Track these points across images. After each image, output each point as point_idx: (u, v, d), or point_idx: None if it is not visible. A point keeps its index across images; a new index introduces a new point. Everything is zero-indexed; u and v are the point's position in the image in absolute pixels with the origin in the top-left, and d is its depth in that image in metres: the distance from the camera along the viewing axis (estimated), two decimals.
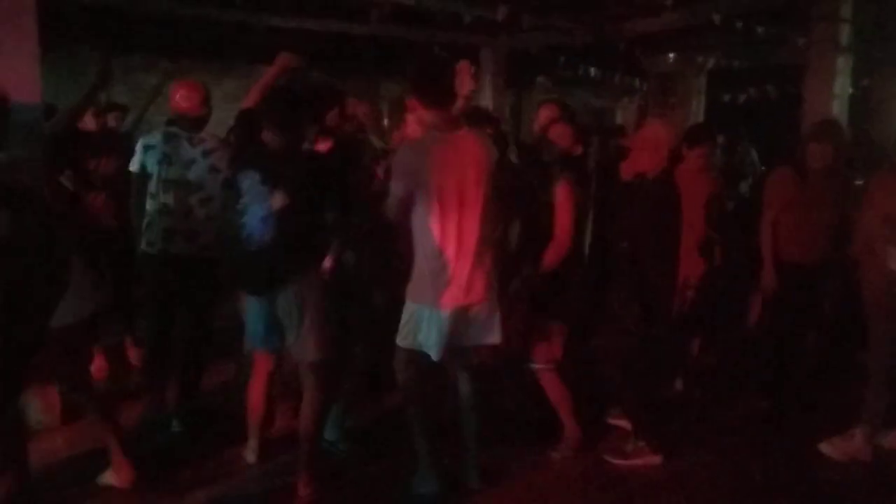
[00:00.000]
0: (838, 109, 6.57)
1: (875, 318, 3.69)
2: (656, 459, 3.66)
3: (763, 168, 8.42)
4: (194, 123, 3.88)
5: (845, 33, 6.46)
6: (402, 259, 3.21)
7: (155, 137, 3.87)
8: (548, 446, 3.76)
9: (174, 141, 3.82)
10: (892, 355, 3.64)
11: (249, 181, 3.05)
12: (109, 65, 4.04)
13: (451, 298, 2.92)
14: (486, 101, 9.86)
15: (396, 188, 2.94)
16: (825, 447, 3.82)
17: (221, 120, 4.52)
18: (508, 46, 9.38)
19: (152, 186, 3.80)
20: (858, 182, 5.06)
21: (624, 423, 3.91)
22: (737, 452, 3.91)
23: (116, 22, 7.71)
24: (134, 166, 3.86)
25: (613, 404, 4.06)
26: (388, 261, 3.65)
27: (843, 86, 6.59)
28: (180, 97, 3.86)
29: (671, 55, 9.65)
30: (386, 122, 9.72)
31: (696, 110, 10.49)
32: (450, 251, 2.88)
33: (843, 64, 6.54)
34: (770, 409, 4.29)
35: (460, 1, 6.94)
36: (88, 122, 4.91)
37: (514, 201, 3.47)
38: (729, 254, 4.38)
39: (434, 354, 2.98)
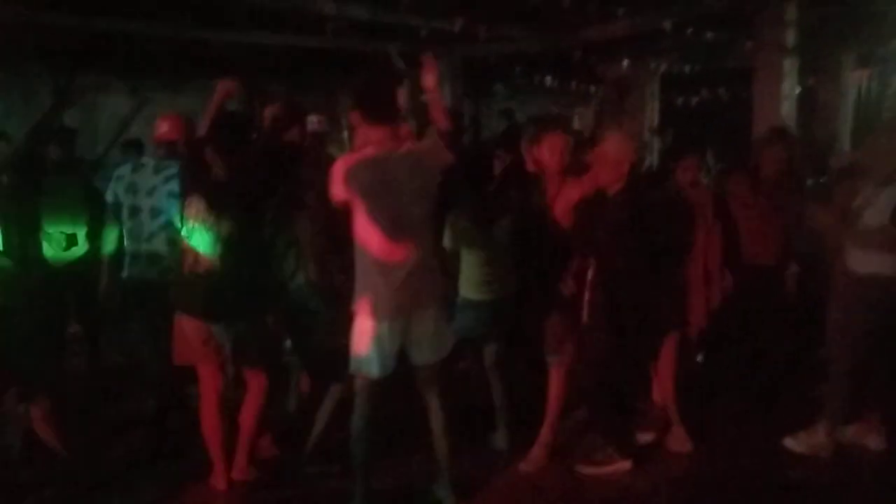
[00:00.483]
0: (787, 110, 6.78)
1: (834, 315, 3.80)
2: (626, 465, 3.70)
3: (719, 166, 8.60)
4: (171, 153, 3.88)
5: (791, 36, 6.68)
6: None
7: (125, 168, 4.01)
8: (523, 451, 3.77)
9: (140, 170, 3.92)
10: (849, 351, 3.72)
11: (195, 208, 3.13)
12: (72, 84, 4.00)
13: (389, 311, 2.92)
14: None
15: (332, 195, 2.99)
16: (789, 442, 3.89)
17: None
18: (464, 56, 9.46)
19: (121, 214, 3.91)
20: (809, 181, 5.24)
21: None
22: (707, 452, 3.96)
23: (69, 41, 7.56)
24: (108, 196, 3.98)
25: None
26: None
27: (790, 87, 6.82)
28: (161, 128, 3.91)
29: (625, 61, 9.83)
30: (346, 134, 9.71)
31: (651, 114, 10.69)
32: (386, 265, 2.89)
33: (790, 66, 6.77)
34: (739, 407, 4.39)
35: (416, 14, 6.98)
36: None
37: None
38: None
39: (374, 370, 2.96)
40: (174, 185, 3.74)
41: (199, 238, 3.13)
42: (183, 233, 3.21)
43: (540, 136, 3.58)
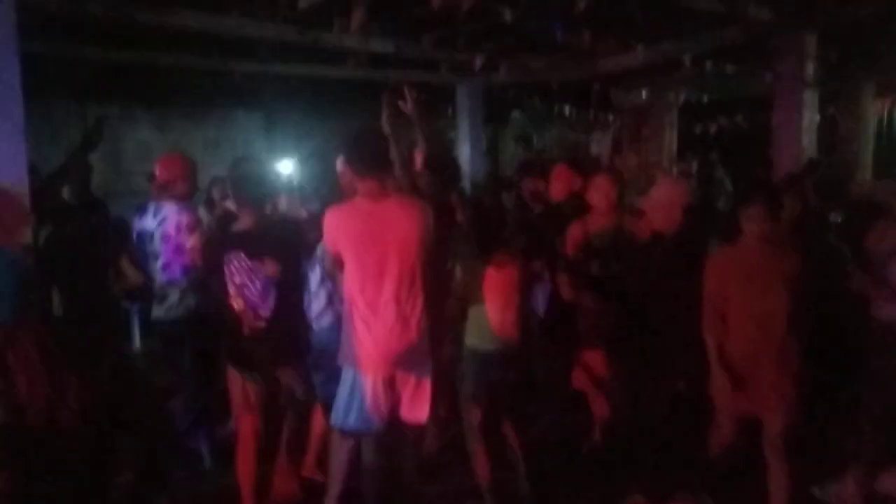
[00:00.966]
0: (807, 141, 6.77)
1: (870, 362, 3.57)
2: None
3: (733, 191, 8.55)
4: (172, 195, 3.94)
5: (810, 67, 6.69)
6: None
7: (137, 216, 4.06)
8: None
9: (143, 215, 3.99)
10: (885, 399, 3.51)
11: (236, 263, 3.08)
12: (102, 125, 4.04)
13: (373, 365, 2.88)
14: (463, 137, 10.03)
15: (325, 247, 3.02)
16: (817, 491, 3.70)
17: (203, 167, 4.56)
18: (484, 84, 9.55)
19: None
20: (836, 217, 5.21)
21: None
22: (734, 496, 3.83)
23: (93, 72, 7.73)
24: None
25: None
26: None
27: (811, 117, 6.81)
28: (160, 169, 3.98)
29: (643, 91, 9.88)
30: None
31: (669, 143, 10.70)
32: (371, 318, 2.85)
33: (810, 96, 6.76)
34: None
35: (439, 47, 7.06)
36: None
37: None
38: None
39: (356, 424, 2.93)
40: (166, 226, 3.84)
41: (259, 292, 3.10)
42: (233, 290, 3.13)
43: (590, 177, 3.65)
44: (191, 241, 3.62)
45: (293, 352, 3.27)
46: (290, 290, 3.20)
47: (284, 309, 3.13)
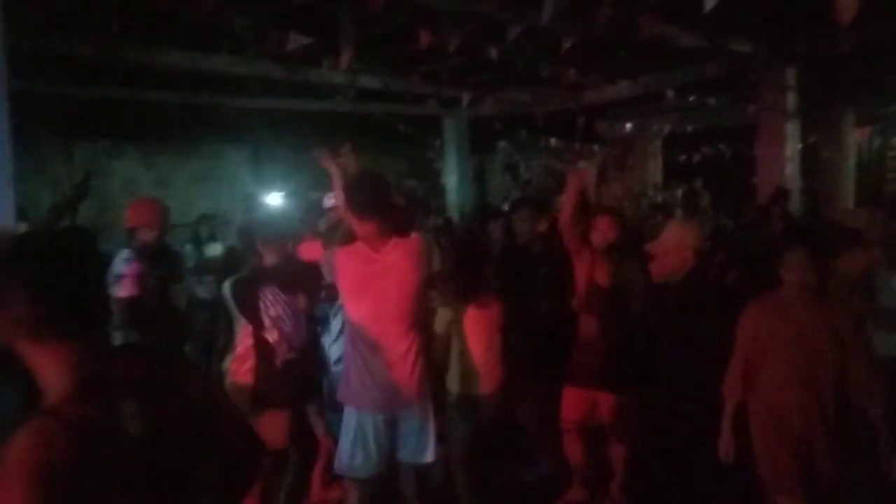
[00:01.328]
0: (790, 170, 6.88)
1: None
2: None
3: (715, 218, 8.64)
4: (144, 240, 3.82)
5: (792, 98, 6.82)
6: None
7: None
8: None
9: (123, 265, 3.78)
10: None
11: (272, 297, 3.24)
12: (90, 179, 4.02)
13: (374, 403, 2.85)
14: (450, 166, 10.12)
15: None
16: None
17: (190, 202, 4.55)
18: (470, 116, 9.65)
19: None
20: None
21: None
22: None
23: (82, 107, 7.74)
24: None
25: None
26: None
27: (793, 149, 6.93)
28: (131, 214, 3.85)
29: (628, 123, 10.03)
30: None
31: (653, 172, 10.84)
32: (372, 358, 2.85)
33: (792, 128, 6.89)
34: None
35: (426, 83, 7.14)
36: None
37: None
38: None
39: (364, 468, 2.88)
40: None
41: (293, 324, 3.27)
42: (269, 322, 3.23)
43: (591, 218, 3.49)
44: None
45: (316, 386, 3.43)
46: (313, 324, 3.40)
47: (312, 342, 3.35)
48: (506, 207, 6.76)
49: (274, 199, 9.23)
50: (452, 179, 10.21)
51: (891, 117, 8.33)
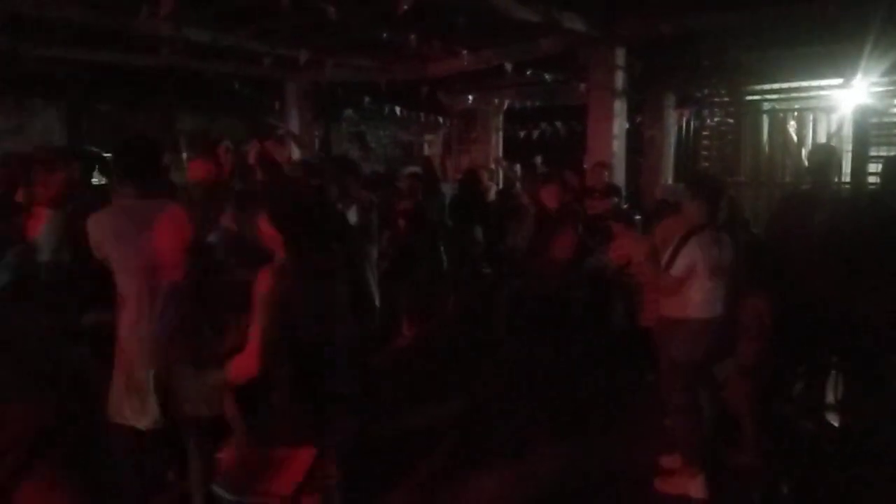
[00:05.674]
0: (617, 147, 7.27)
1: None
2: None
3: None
4: None
5: (619, 79, 7.17)
6: None
7: None
8: None
9: None
10: (683, 388, 3.68)
11: None
12: None
13: (128, 363, 2.83)
14: (294, 132, 9.77)
15: None
16: (659, 484, 3.71)
17: None
18: (312, 80, 9.35)
19: None
20: (638, 217, 5.63)
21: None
22: None
23: None
24: None
25: None
26: None
27: (620, 126, 7.31)
28: None
29: (470, 97, 10.14)
30: (184, 155, 9.26)
31: (496, 144, 11.09)
32: (135, 314, 2.82)
33: (619, 106, 7.26)
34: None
35: (260, 40, 6.78)
36: None
37: None
38: None
39: (141, 422, 2.84)
40: None
41: None
42: None
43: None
44: None
45: None
46: None
47: None
48: None
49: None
50: (295, 147, 9.87)
51: (706, 100, 9.01)
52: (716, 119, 9.12)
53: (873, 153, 7.44)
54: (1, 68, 7.65)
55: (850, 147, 7.62)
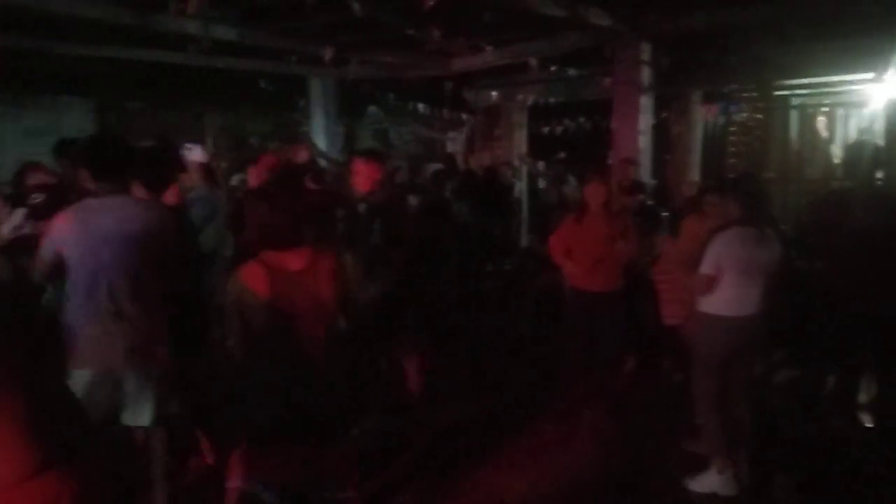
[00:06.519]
0: (643, 143, 7.21)
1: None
2: None
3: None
4: None
5: (646, 74, 7.12)
6: None
7: None
8: None
9: None
10: (709, 384, 3.66)
11: None
12: None
13: (92, 361, 2.77)
14: (317, 130, 9.82)
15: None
16: (691, 483, 3.66)
17: (23, 158, 4.16)
18: (336, 77, 9.39)
19: None
20: (664, 214, 5.57)
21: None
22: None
23: None
24: None
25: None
26: None
27: (646, 122, 7.25)
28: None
29: (494, 93, 10.12)
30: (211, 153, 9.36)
31: (520, 141, 11.05)
32: (86, 312, 2.77)
33: (645, 103, 7.20)
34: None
35: (286, 38, 6.83)
36: None
37: None
38: None
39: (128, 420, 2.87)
40: None
41: None
42: None
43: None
44: None
45: None
46: None
47: None
48: None
49: None
50: (320, 143, 9.92)
51: (733, 95, 8.91)
52: (743, 115, 9.03)
53: None
54: (33, 67, 7.79)
55: (882, 143, 7.49)
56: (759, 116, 8.89)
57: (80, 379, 2.72)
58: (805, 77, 8.23)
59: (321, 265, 2.52)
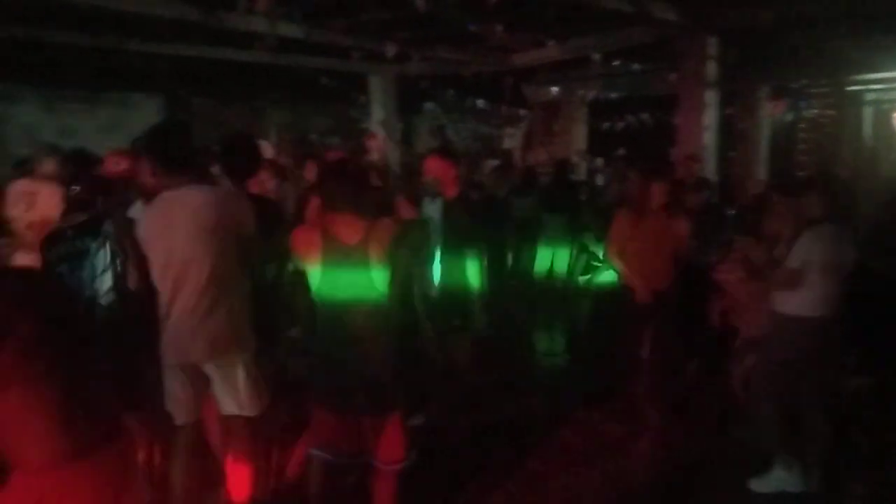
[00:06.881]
0: (708, 140, 7.04)
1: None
2: None
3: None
4: None
5: (712, 69, 6.94)
6: None
7: None
8: None
9: None
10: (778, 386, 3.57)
11: None
12: None
13: (175, 354, 2.80)
14: (376, 126, 9.92)
15: None
16: (755, 484, 3.58)
17: (98, 153, 4.31)
18: (397, 74, 9.46)
19: None
20: (731, 212, 5.44)
21: None
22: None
23: None
24: None
25: None
26: None
27: (711, 117, 7.08)
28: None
29: (554, 88, 10.03)
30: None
31: (578, 139, 10.93)
32: (170, 306, 2.77)
33: (711, 98, 7.03)
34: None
35: (349, 35, 6.91)
36: None
37: None
38: None
39: (177, 418, 2.85)
40: None
41: None
42: None
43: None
44: None
45: None
46: None
47: None
48: None
49: None
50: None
51: (803, 91, 8.63)
52: (813, 111, 8.73)
53: None
54: (105, 65, 8.07)
55: None
56: (831, 112, 8.58)
57: (167, 372, 2.79)
58: (879, 72, 7.90)
59: (375, 243, 2.56)
